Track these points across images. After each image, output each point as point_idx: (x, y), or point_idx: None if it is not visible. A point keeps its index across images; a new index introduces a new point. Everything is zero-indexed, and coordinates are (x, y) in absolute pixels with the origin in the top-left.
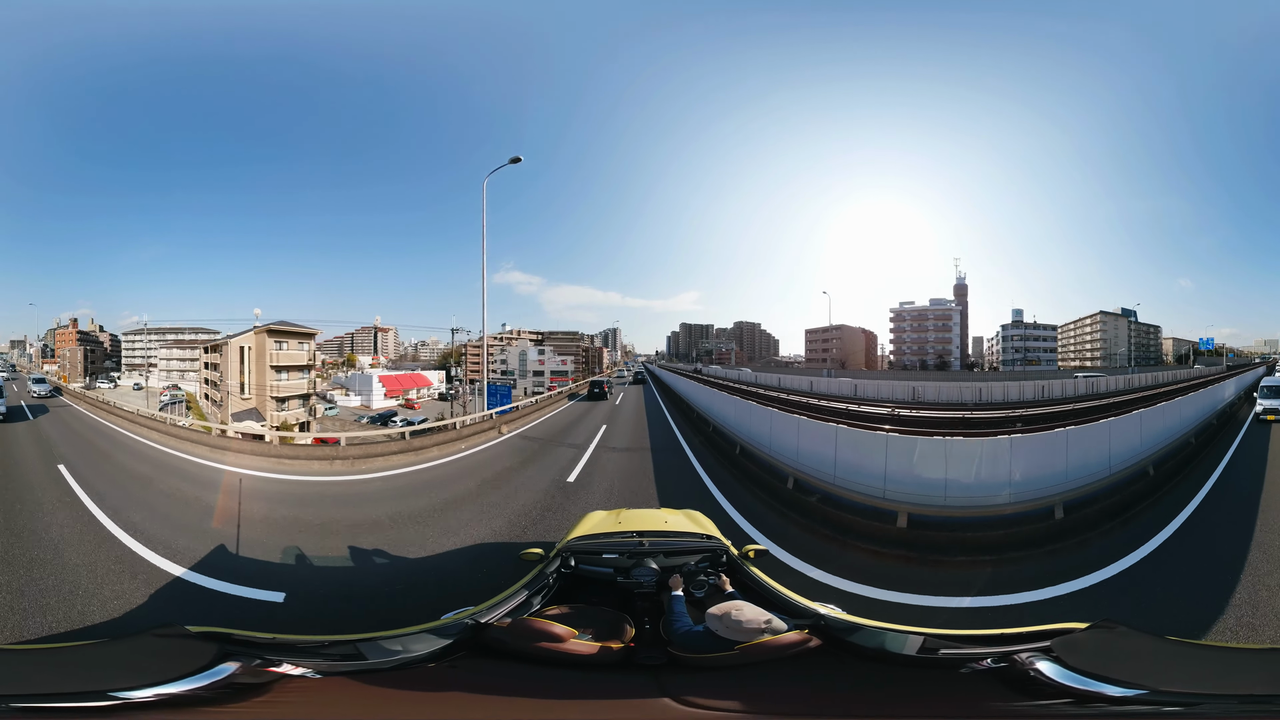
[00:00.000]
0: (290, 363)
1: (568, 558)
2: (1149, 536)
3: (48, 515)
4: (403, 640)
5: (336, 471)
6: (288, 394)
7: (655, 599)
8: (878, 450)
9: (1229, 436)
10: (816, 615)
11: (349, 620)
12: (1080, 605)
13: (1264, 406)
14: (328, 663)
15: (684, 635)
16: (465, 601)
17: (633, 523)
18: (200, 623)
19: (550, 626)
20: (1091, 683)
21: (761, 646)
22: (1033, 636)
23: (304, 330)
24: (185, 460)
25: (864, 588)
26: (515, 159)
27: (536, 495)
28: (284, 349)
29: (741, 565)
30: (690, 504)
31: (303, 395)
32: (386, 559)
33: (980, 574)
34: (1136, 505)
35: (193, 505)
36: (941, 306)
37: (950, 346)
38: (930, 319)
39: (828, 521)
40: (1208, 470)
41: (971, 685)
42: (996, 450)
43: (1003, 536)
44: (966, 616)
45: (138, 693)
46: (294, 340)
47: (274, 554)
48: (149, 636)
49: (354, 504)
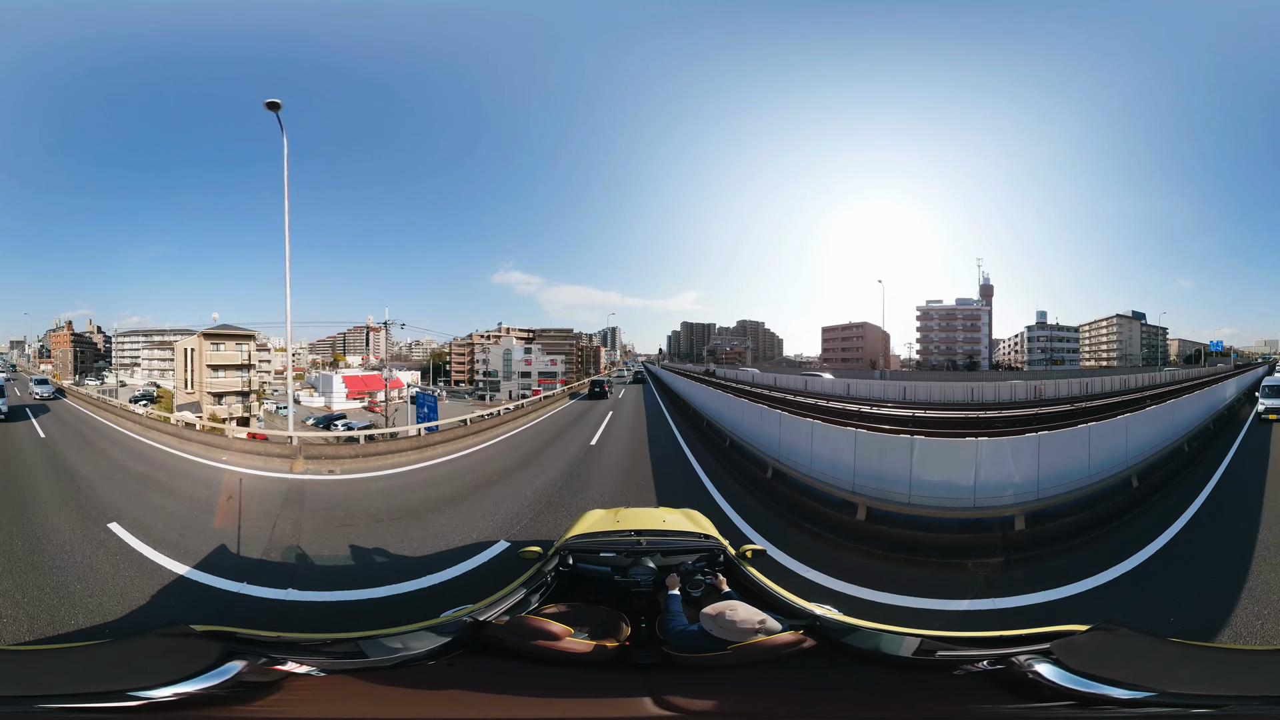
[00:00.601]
0: (225, 362)
1: (566, 556)
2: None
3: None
4: (403, 638)
5: (217, 459)
6: (224, 390)
7: (652, 598)
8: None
9: (1248, 410)
10: (812, 616)
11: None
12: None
13: (1266, 406)
14: (330, 660)
15: (679, 634)
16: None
17: (631, 521)
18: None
19: (547, 625)
20: (1095, 685)
21: (755, 646)
22: (1032, 639)
23: (242, 333)
24: (122, 434)
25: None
26: (273, 104)
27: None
28: (220, 350)
29: (739, 565)
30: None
31: (241, 392)
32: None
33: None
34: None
35: (112, 458)
36: (969, 306)
37: (979, 347)
38: (959, 319)
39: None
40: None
41: (965, 687)
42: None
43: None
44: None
45: (158, 692)
46: (231, 342)
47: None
48: (155, 636)
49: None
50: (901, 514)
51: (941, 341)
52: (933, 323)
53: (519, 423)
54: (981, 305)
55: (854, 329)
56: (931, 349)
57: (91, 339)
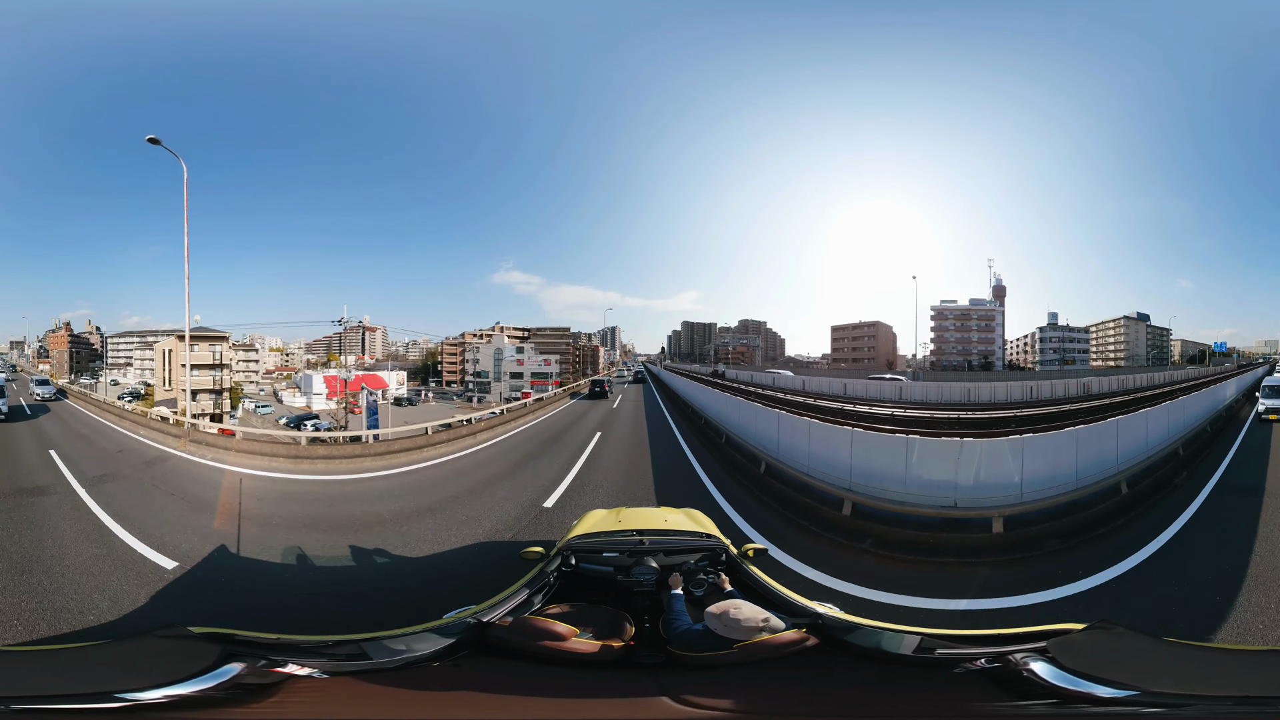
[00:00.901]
0: (198, 362)
1: (568, 556)
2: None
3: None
4: (406, 639)
5: (171, 444)
6: (196, 388)
7: (655, 597)
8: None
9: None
10: (814, 614)
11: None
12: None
13: (1266, 406)
14: (333, 662)
15: (683, 634)
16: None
17: (633, 521)
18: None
19: (552, 625)
20: (1081, 683)
21: (759, 645)
22: (1031, 637)
23: (215, 334)
24: (91, 418)
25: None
26: (152, 139)
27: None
28: (194, 350)
29: (741, 564)
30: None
31: (215, 390)
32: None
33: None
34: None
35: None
36: (982, 307)
37: (993, 347)
38: (974, 319)
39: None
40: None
41: (962, 685)
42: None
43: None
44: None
45: (147, 694)
46: (205, 344)
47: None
48: (151, 637)
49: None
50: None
51: (957, 342)
52: (947, 322)
53: (487, 436)
54: (995, 306)
55: (865, 328)
56: (946, 349)
57: (89, 340)
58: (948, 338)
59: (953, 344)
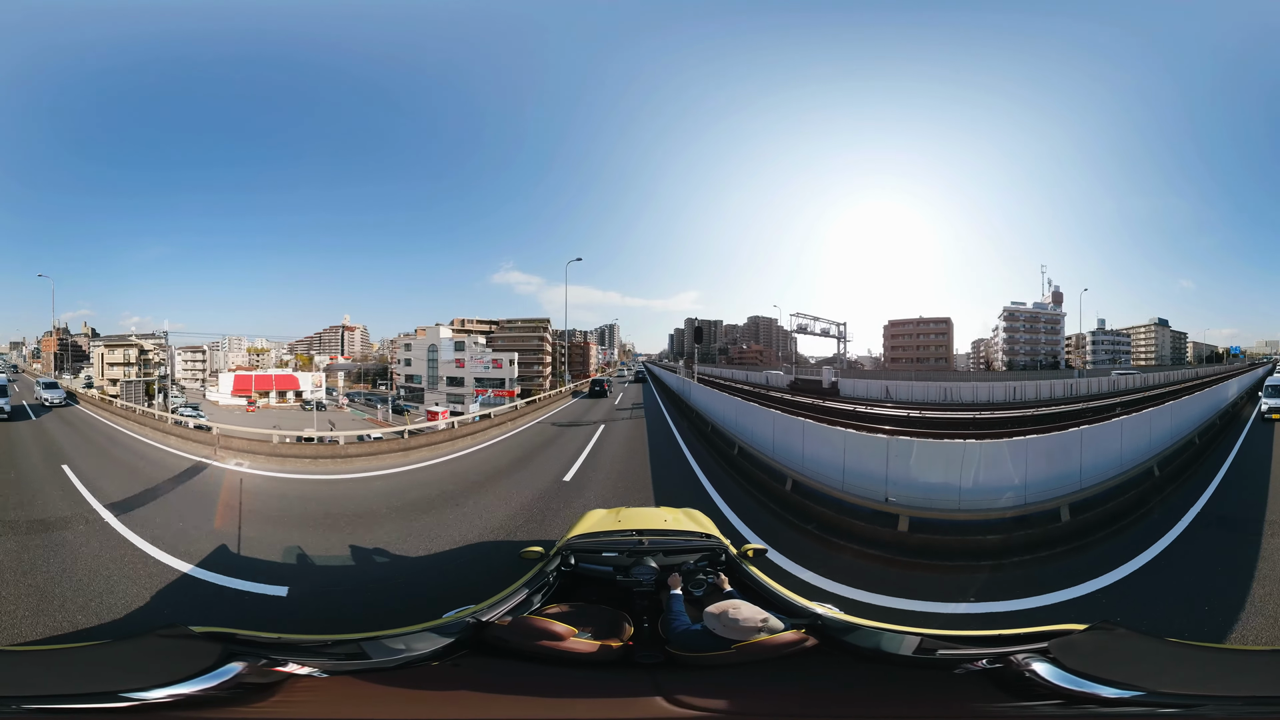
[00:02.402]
0: (119, 361)
1: (568, 556)
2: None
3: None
4: (405, 639)
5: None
6: (111, 378)
7: (654, 598)
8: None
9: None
10: (814, 615)
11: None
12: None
13: (1269, 405)
14: (332, 662)
15: (682, 634)
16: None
17: (632, 521)
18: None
19: (551, 625)
20: (1085, 684)
21: (758, 645)
22: (1032, 638)
23: (131, 343)
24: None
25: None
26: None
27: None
28: (114, 353)
29: (740, 564)
30: None
31: (129, 382)
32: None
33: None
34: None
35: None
36: (1047, 310)
37: (1058, 348)
38: (1042, 321)
39: None
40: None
41: (963, 686)
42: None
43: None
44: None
45: (152, 693)
46: (130, 348)
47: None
48: (154, 637)
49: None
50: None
51: (1027, 343)
52: (1019, 324)
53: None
54: (1060, 310)
55: (930, 324)
56: (1017, 349)
57: (78, 342)
58: (1019, 339)
59: (1022, 344)
